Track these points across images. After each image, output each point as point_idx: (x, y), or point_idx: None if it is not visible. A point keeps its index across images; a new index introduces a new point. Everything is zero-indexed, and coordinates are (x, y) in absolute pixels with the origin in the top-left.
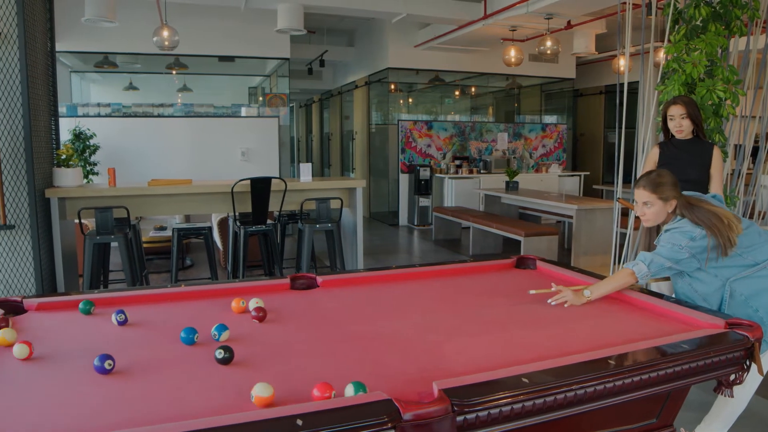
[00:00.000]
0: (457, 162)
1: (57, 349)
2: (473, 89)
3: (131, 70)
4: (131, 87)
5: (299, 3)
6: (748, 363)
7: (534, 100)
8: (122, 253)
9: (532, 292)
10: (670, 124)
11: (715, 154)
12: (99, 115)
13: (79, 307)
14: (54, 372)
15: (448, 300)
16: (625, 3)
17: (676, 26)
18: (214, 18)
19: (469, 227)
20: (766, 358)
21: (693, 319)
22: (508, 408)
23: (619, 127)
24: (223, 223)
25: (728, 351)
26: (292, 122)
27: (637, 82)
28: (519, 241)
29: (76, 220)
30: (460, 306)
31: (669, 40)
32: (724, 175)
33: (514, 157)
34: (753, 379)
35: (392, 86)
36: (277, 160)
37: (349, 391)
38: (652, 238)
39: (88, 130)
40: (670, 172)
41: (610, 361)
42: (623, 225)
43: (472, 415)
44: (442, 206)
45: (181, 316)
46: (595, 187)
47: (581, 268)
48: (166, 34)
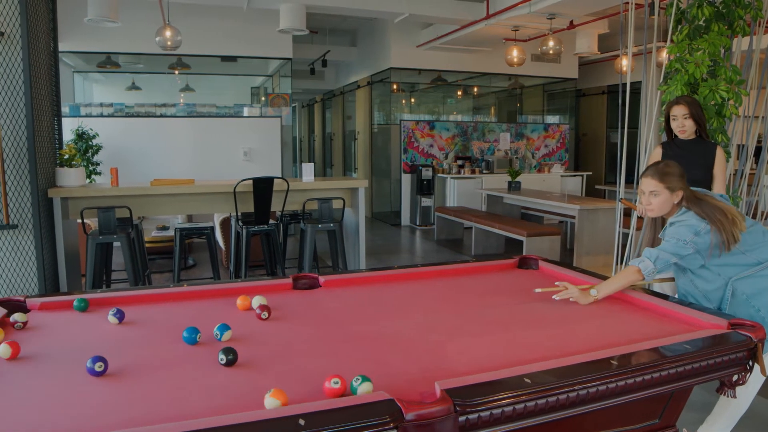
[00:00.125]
0: (460, 162)
1: (59, 349)
2: (475, 89)
3: (134, 70)
4: (134, 87)
5: (301, 3)
6: (751, 364)
7: (536, 100)
8: (125, 252)
9: (538, 290)
10: (673, 124)
11: (718, 154)
12: (102, 115)
13: (74, 305)
14: (55, 372)
15: (451, 300)
16: (628, 3)
17: (679, 26)
18: (217, 18)
19: (472, 227)
20: None
21: (695, 319)
22: (511, 408)
23: (622, 127)
24: (226, 223)
25: (731, 351)
26: (295, 122)
27: (640, 82)
28: (521, 242)
29: (79, 220)
30: (462, 306)
31: (672, 40)
32: (726, 175)
33: (517, 157)
34: (756, 380)
35: (394, 86)
36: (279, 160)
37: (356, 384)
38: (657, 231)
39: (91, 130)
40: (677, 164)
41: (612, 362)
42: (626, 225)
43: (475, 416)
44: (445, 206)
45: (184, 315)
46: (597, 187)
47: (583, 269)
48: (168, 34)
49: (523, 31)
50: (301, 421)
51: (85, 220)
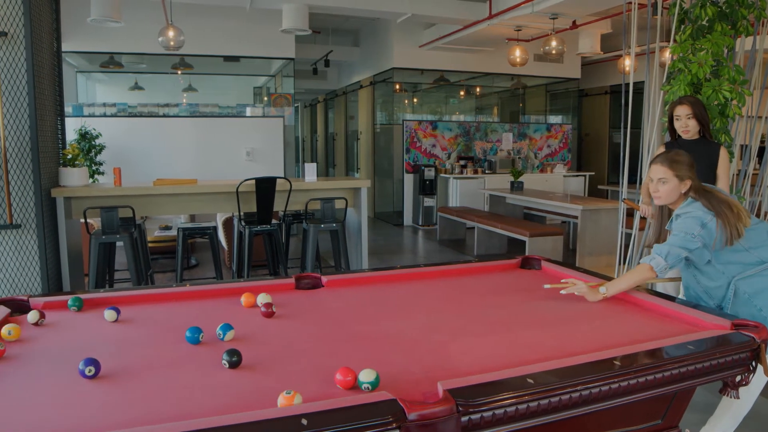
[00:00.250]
0: (462, 162)
1: (61, 349)
2: (478, 89)
3: (137, 70)
4: (137, 87)
5: (304, 3)
6: (754, 364)
7: (539, 100)
8: (127, 252)
9: (547, 286)
10: (677, 125)
11: (722, 154)
12: (104, 115)
13: (68, 304)
14: (57, 372)
15: (453, 300)
16: (631, 3)
17: (682, 26)
18: (220, 18)
19: (474, 227)
20: None
21: (698, 320)
22: (513, 408)
23: (625, 128)
24: (228, 223)
25: (734, 352)
26: (297, 122)
27: (643, 82)
28: (524, 242)
29: (82, 220)
30: (465, 306)
31: (675, 40)
32: (730, 175)
33: (519, 158)
34: (759, 381)
35: (397, 86)
36: (281, 160)
37: (364, 377)
38: (664, 222)
39: (94, 129)
40: (687, 153)
41: (615, 362)
42: (628, 225)
43: (477, 416)
44: (447, 206)
45: (186, 315)
46: (600, 187)
47: (586, 269)
48: (171, 34)
49: (525, 31)
50: (304, 421)
51: (88, 220)
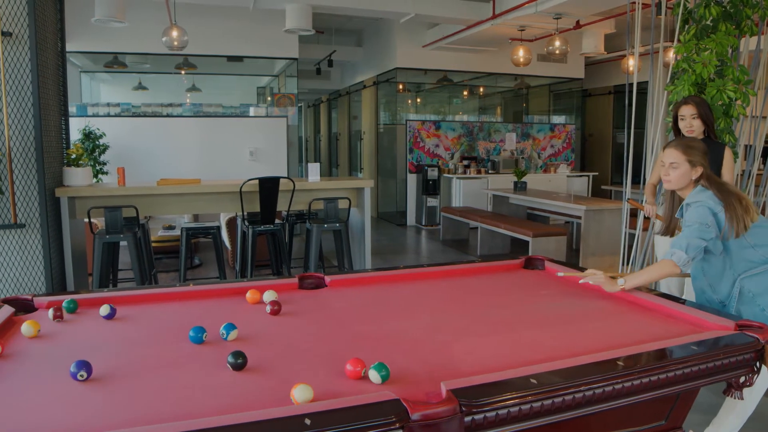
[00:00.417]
0: (465, 162)
1: (63, 348)
2: (481, 89)
3: (140, 70)
4: (140, 87)
5: (307, 3)
6: (759, 365)
7: (542, 100)
8: (131, 252)
9: (561, 274)
10: (681, 124)
11: (726, 154)
12: (108, 115)
13: (63, 305)
14: (58, 371)
15: (456, 300)
16: (635, 2)
17: (686, 26)
18: (223, 18)
19: (477, 227)
20: None
21: (702, 320)
22: (517, 409)
23: (628, 128)
24: (232, 223)
25: (738, 353)
26: (301, 122)
27: (647, 82)
28: (527, 242)
29: (86, 219)
30: (468, 306)
31: (679, 40)
32: (734, 175)
33: (523, 158)
34: (763, 381)
35: (400, 86)
36: (285, 160)
37: (373, 372)
38: (674, 210)
39: (98, 129)
40: (702, 141)
41: (618, 362)
42: (632, 226)
43: (480, 416)
44: (450, 206)
45: (190, 315)
46: (603, 187)
47: (589, 269)
48: (175, 34)
49: (529, 31)
50: (307, 421)
51: (92, 220)
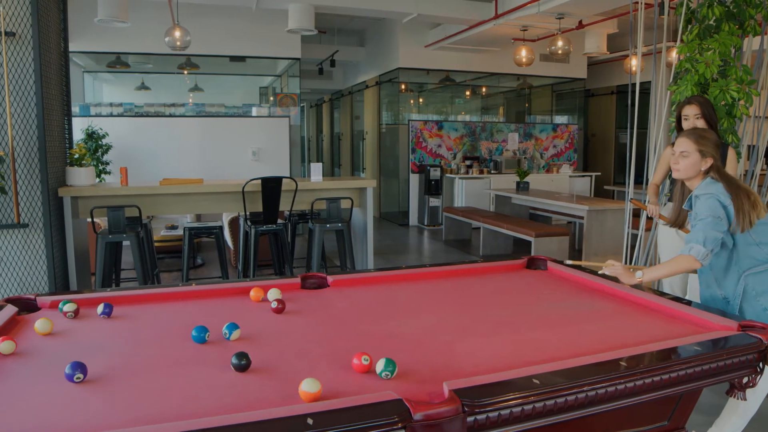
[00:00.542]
0: (468, 162)
1: (66, 348)
2: (484, 89)
3: (143, 70)
4: (143, 87)
5: (310, 3)
6: (762, 366)
7: (545, 101)
8: (134, 251)
9: (569, 262)
10: (685, 124)
11: (729, 155)
12: (111, 115)
13: (59, 307)
14: (59, 371)
15: (459, 300)
16: (637, 2)
17: (689, 26)
18: (226, 18)
19: (480, 227)
20: None
21: (705, 321)
22: (519, 409)
23: (631, 128)
24: (234, 223)
25: (741, 354)
26: (303, 122)
27: (649, 82)
28: (529, 242)
29: (89, 219)
30: (470, 306)
31: (682, 40)
32: (737, 176)
33: (525, 158)
34: (766, 382)
35: (403, 86)
36: (287, 160)
37: (380, 366)
38: (683, 201)
39: (101, 129)
40: (715, 133)
41: (621, 363)
42: (635, 226)
43: (483, 416)
44: (453, 206)
45: (192, 314)
46: (606, 187)
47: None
48: (177, 34)
49: (531, 31)
50: (310, 421)
51: (95, 219)
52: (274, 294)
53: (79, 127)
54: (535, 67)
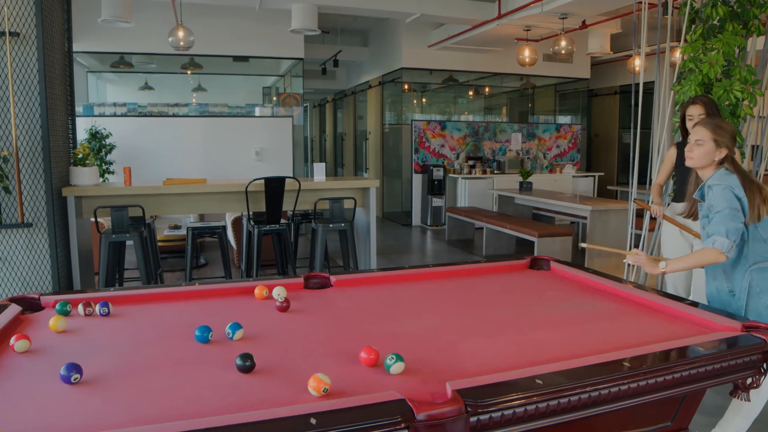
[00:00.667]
0: (471, 162)
1: (69, 348)
2: (487, 89)
3: (147, 70)
4: (146, 87)
5: (313, 3)
6: (766, 366)
7: (548, 101)
8: (137, 251)
9: (583, 245)
10: (689, 124)
11: None
12: (115, 115)
13: (56, 308)
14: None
15: (462, 300)
16: (641, 2)
17: (693, 26)
18: (229, 18)
19: (483, 228)
20: None
21: (708, 321)
22: (522, 409)
23: (635, 128)
24: (237, 222)
25: (745, 354)
26: (306, 122)
27: (653, 82)
28: (532, 242)
29: (92, 219)
30: (473, 306)
31: (685, 40)
32: None
33: (528, 158)
34: None
35: (406, 86)
36: (290, 160)
37: (389, 361)
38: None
39: (104, 129)
40: (732, 125)
41: (624, 363)
42: (638, 226)
43: (486, 416)
44: (456, 206)
45: (196, 314)
46: (609, 188)
47: (595, 270)
48: (181, 34)
49: (535, 31)
50: (313, 420)
51: (99, 219)
52: (279, 292)
53: (83, 127)
54: (538, 67)
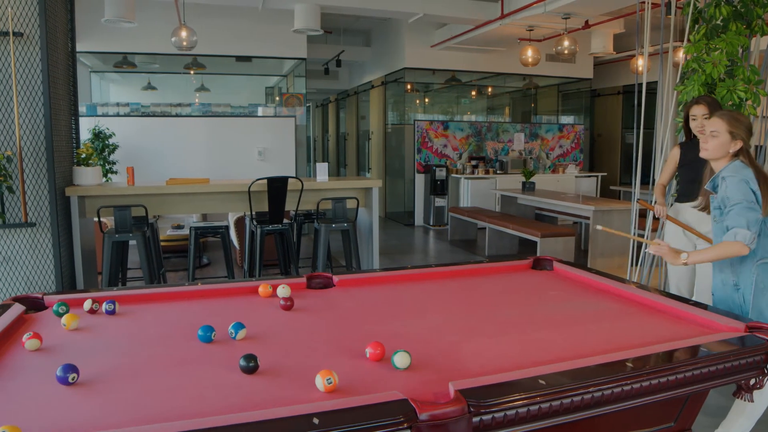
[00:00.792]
0: (474, 162)
1: (70, 347)
2: (490, 89)
3: (150, 70)
4: (150, 87)
5: (316, 3)
6: None
7: (551, 101)
8: (140, 251)
9: (599, 227)
10: (692, 125)
11: None
12: (118, 115)
13: (53, 310)
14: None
15: (464, 300)
16: (644, 2)
17: (696, 26)
18: (232, 18)
19: (485, 228)
20: None
21: (712, 322)
22: (525, 409)
23: (638, 128)
24: (240, 222)
25: (748, 355)
26: (309, 122)
27: (656, 82)
28: (535, 242)
29: (96, 219)
30: (476, 306)
31: (689, 40)
32: None
33: (531, 158)
34: None
35: (408, 86)
36: (293, 160)
37: (398, 358)
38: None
39: (108, 129)
40: (748, 117)
41: (627, 364)
42: (641, 226)
43: (489, 416)
44: (458, 206)
45: (198, 314)
46: (612, 188)
47: (598, 270)
48: (184, 34)
49: (537, 31)
50: (315, 420)
51: (102, 219)
52: (283, 291)
53: (86, 127)
54: (541, 67)
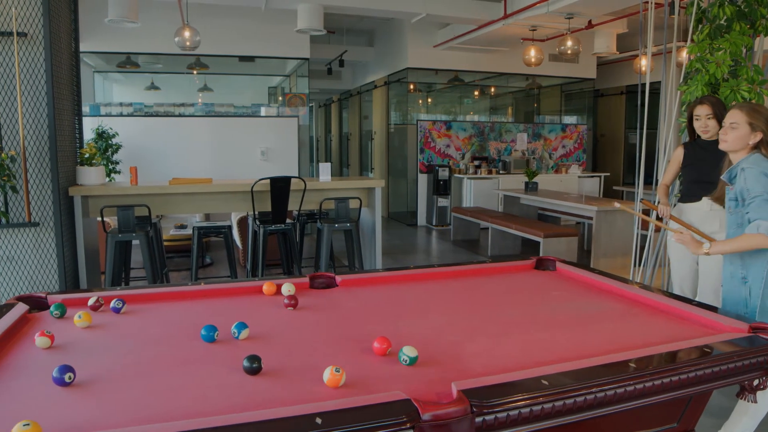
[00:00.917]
0: (476, 162)
1: (75, 346)
2: (493, 89)
3: (153, 70)
4: (153, 87)
5: (319, 3)
6: None
7: (554, 101)
8: (143, 250)
9: (618, 205)
10: (696, 125)
11: None
12: (121, 115)
13: (51, 311)
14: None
15: (467, 301)
16: (647, 2)
17: (700, 25)
18: (235, 18)
19: (488, 228)
20: None
21: (715, 322)
22: (527, 410)
23: (641, 128)
24: (243, 222)
25: (752, 355)
26: (312, 122)
27: (659, 82)
28: (538, 243)
29: (99, 218)
30: (479, 307)
31: (692, 40)
32: None
33: (534, 158)
34: None
35: (411, 86)
36: (296, 160)
37: (406, 352)
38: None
39: (111, 129)
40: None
41: (630, 364)
42: (644, 227)
43: (491, 417)
44: (461, 207)
45: (201, 313)
46: (615, 188)
47: (601, 270)
48: (187, 34)
49: (540, 31)
50: (318, 420)
51: (105, 219)
52: (287, 289)
53: (90, 127)
54: (544, 67)
